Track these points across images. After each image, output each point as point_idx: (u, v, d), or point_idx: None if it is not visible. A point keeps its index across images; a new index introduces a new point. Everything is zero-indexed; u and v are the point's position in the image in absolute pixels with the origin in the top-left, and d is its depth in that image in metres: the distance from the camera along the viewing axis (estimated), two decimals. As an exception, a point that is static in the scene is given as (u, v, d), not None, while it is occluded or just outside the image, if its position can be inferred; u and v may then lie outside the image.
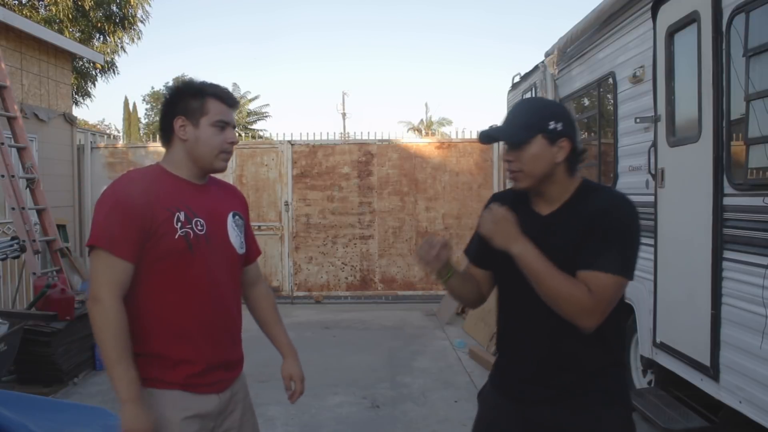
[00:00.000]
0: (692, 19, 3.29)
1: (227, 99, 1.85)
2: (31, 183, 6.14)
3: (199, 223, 1.77)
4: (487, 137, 1.72)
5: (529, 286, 1.60)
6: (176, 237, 1.72)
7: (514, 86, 6.90)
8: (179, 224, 1.73)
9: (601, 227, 1.58)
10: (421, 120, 35.98)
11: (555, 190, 1.67)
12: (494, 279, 1.84)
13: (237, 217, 1.93)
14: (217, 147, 1.81)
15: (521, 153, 1.64)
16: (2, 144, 5.70)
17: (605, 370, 1.67)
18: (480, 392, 1.90)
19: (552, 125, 1.61)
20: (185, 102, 1.81)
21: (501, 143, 1.80)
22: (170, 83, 34.48)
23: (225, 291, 1.85)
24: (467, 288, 1.82)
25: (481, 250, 1.80)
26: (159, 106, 1.89)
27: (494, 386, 1.82)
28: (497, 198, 1.82)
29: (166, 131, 1.84)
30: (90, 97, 14.50)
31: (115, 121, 51.57)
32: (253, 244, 2.02)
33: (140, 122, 30.75)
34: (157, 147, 8.98)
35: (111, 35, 13.25)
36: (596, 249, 1.56)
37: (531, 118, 1.65)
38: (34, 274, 5.66)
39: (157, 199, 1.73)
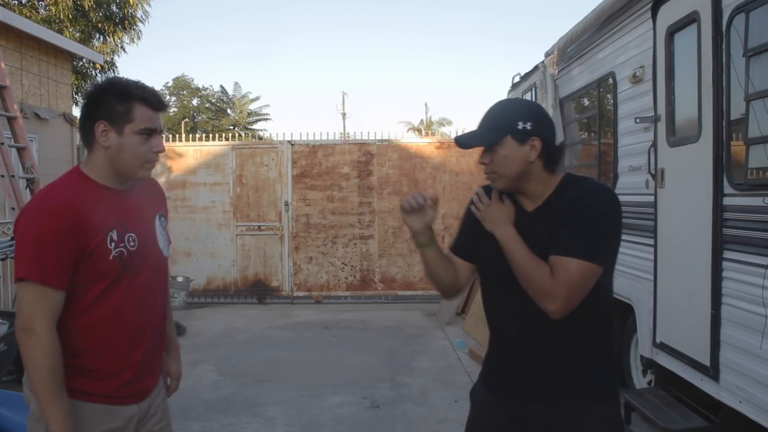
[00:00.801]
0: (692, 19, 3.29)
1: (155, 103, 1.71)
2: (31, 183, 6.13)
3: (131, 239, 1.71)
4: (460, 143, 1.73)
5: (516, 282, 1.62)
6: (111, 258, 1.66)
7: (514, 86, 6.90)
8: (113, 244, 1.66)
9: (574, 213, 1.60)
10: (421, 120, 36.03)
11: (535, 187, 1.69)
12: (474, 272, 1.85)
13: (162, 219, 1.90)
14: (141, 157, 1.70)
15: (493, 155, 1.66)
16: (2, 144, 5.69)
17: (594, 365, 1.68)
18: (471, 391, 1.91)
19: (521, 125, 1.63)
20: (109, 105, 1.67)
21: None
22: (170, 83, 34.57)
23: (155, 298, 1.82)
24: (445, 268, 1.80)
25: (464, 241, 1.84)
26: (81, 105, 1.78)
27: (484, 384, 1.83)
28: (485, 189, 1.82)
29: (86, 133, 1.71)
30: (90, 97, 14.48)
31: (115, 121, 51.43)
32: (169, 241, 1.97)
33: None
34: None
35: (111, 35, 13.25)
36: (566, 234, 1.58)
37: (499, 120, 1.67)
38: (34, 274, 5.65)
39: (88, 220, 1.63)
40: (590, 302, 1.61)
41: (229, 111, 34.71)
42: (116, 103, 1.67)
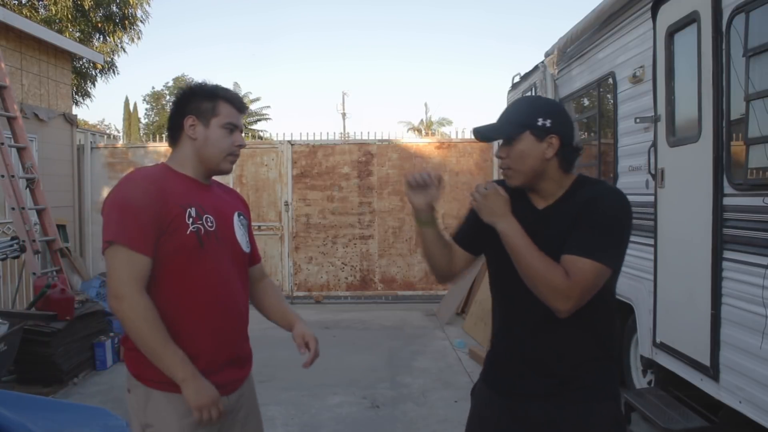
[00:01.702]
0: (692, 19, 3.29)
1: (238, 104, 1.88)
2: (31, 183, 6.14)
3: (209, 219, 1.79)
4: (478, 133, 1.72)
5: (520, 279, 1.61)
6: (188, 233, 1.73)
7: (514, 86, 6.90)
8: (191, 220, 1.75)
9: (586, 214, 1.60)
10: (421, 120, 35.97)
11: (549, 186, 1.68)
12: (471, 263, 1.85)
13: (242, 217, 1.96)
14: (225, 149, 1.84)
15: (510, 149, 1.66)
16: (2, 144, 5.70)
17: (596, 364, 1.68)
18: (473, 389, 1.90)
19: (540, 122, 1.62)
20: (197, 102, 1.84)
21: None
22: (170, 83, 34.49)
23: (234, 287, 1.86)
24: (441, 250, 1.79)
25: (464, 230, 1.84)
26: (165, 105, 1.89)
27: (485, 382, 1.82)
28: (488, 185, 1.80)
29: (174, 130, 1.86)
30: (90, 97, 14.49)
31: (115, 121, 51.55)
32: (255, 248, 2.02)
33: (140, 122, 30.78)
34: (156, 147, 8.98)
35: (111, 35, 13.24)
36: (579, 235, 1.58)
37: (520, 115, 1.67)
38: (34, 274, 5.66)
39: (169, 195, 1.74)
40: (594, 302, 1.61)
41: (229, 111, 34.72)
42: (203, 100, 1.84)
